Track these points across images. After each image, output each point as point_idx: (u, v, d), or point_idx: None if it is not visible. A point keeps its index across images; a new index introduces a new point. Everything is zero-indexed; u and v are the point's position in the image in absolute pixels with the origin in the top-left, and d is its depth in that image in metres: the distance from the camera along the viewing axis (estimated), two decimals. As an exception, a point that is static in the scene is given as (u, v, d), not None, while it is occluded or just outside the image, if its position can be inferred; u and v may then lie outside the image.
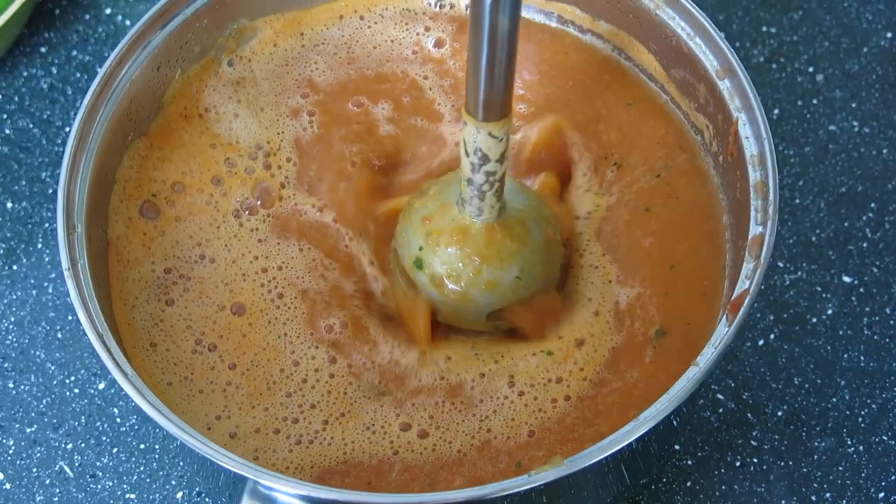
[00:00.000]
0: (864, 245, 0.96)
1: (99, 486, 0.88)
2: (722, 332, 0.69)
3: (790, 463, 0.88)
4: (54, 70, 1.05)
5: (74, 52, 1.06)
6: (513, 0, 0.63)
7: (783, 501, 0.87)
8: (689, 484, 0.87)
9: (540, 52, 0.87)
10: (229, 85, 0.85)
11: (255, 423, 0.75)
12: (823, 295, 0.94)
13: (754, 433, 0.89)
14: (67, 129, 1.02)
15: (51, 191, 0.99)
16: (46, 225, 0.98)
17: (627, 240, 0.80)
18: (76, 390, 0.91)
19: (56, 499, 0.88)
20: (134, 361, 0.73)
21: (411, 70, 0.87)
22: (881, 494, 0.87)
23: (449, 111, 0.85)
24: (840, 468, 0.88)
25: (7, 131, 1.02)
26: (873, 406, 0.90)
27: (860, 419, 0.89)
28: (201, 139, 0.83)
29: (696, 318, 0.76)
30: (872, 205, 0.97)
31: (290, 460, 0.74)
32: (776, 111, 1.02)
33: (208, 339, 0.77)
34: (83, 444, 0.90)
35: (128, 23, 1.08)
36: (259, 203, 0.82)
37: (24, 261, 0.96)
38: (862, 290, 0.94)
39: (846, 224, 0.97)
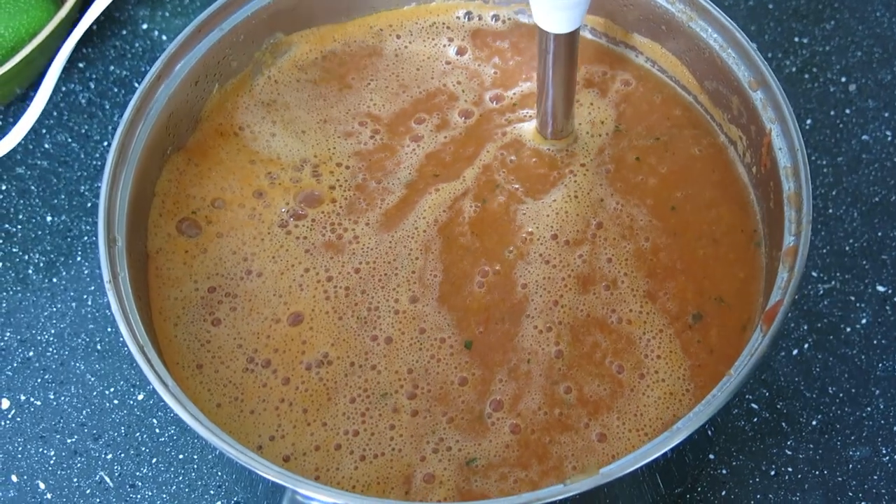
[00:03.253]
0: (898, 254, 0.96)
1: (139, 496, 0.89)
2: (756, 342, 0.69)
3: (825, 472, 0.88)
4: (92, 85, 1.07)
5: (112, 68, 1.08)
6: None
7: (818, 511, 0.87)
8: (723, 493, 0.87)
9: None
10: (261, 106, 0.86)
11: (314, 440, 0.75)
12: (857, 304, 0.94)
13: (789, 442, 0.89)
14: (106, 144, 1.03)
15: (90, 204, 1.00)
16: (86, 238, 0.99)
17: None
18: (116, 401, 0.92)
19: (96, 508, 0.89)
20: (180, 383, 0.73)
21: (449, 84, 0.88)
22: (917, 504, 0.87)
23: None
24: (875, 477, 0.88)
25: (46, 146, 1.03)
26: (908, 415, 0.90)
27: (895, 428, 0.89)
28: (239, 155, 0.84)
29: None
30: (906, 214, 0.97)
31: (357, 478, 0.74)
32: (809, 121, 1.02)
33: (261, 355, 0.77)
34: (123, 455, 0.90)
35: (164, 38, 1.09)
36: (305, 206, 0.82)
37: (64, 273, 0.97)
38: (896, 299, 0.94)
39: (880, 233, 0.96)
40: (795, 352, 0.92)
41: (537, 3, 0.74)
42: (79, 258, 0.98)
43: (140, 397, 0.92)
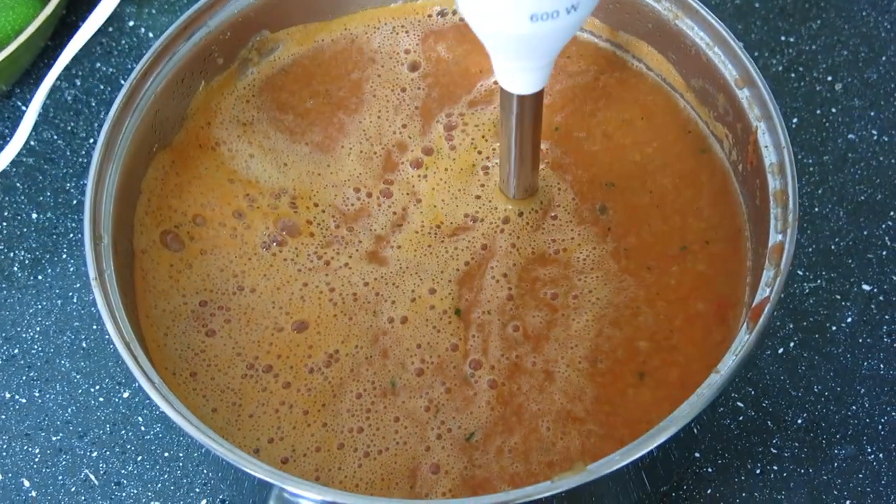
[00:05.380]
0: (884, 253, 0.96)
1: (124, 494, 0.89)
2: (742, 340, 0.69)
3: (810, 470, 0.88)
4: (78, 82, 1.06)
5: (98, 65, 1.07)
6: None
7: (803, 509, 0.87)
8: (709, 491, 0.88)
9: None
10: (237, 125, 0.85)
11: (314, 441, 0.75)
12: (843, 303, 0.94)
13: (774, 441, 0.89)
14: (91, 141, 1.03)
15: (75, 202, 1.00)
16: (71, 235, 0.99)
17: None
18: (101, 399, 0.92)
19: (81, 506, 0.89)
20: (172, 389, 0.72)
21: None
22: (901, 502, 0.87)
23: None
24: (860, 476, 0.88)
25: (32, 143, 1.03)
26: (893, 414, 0.90)
27: (880, 427, 0.89)
28: (218, 172, 0.84)
29: None
30: (892, 213, 0.97)
31: (360, 477, 0.74)
32: (795, 120, 1.02)
33: (262, 361, 0.77)
34: (108, 453, 0.90)
35: (150, 35, 1.09)
36: (286, 235, 0.82)
37: (50, 271, 0.97)
38: (881, 298, 0.94)
39: (865, 232, 0.97)
40: (781, 350, 0.92)
41: (501, 63, 0.70)
42: (64, 255, 0.98)
43: (126, 395, 0.92)
